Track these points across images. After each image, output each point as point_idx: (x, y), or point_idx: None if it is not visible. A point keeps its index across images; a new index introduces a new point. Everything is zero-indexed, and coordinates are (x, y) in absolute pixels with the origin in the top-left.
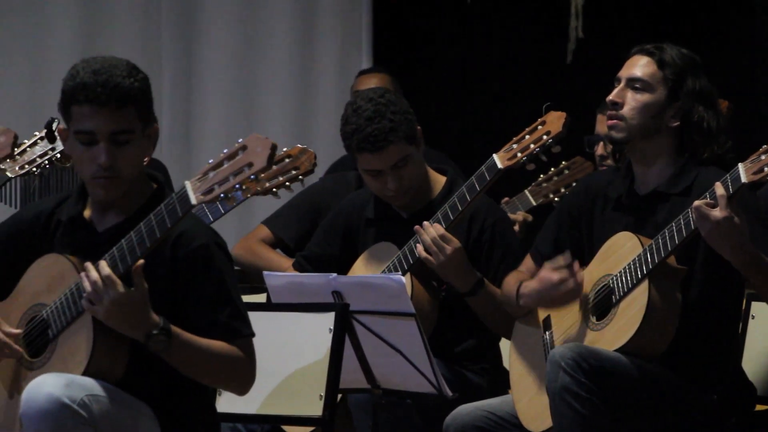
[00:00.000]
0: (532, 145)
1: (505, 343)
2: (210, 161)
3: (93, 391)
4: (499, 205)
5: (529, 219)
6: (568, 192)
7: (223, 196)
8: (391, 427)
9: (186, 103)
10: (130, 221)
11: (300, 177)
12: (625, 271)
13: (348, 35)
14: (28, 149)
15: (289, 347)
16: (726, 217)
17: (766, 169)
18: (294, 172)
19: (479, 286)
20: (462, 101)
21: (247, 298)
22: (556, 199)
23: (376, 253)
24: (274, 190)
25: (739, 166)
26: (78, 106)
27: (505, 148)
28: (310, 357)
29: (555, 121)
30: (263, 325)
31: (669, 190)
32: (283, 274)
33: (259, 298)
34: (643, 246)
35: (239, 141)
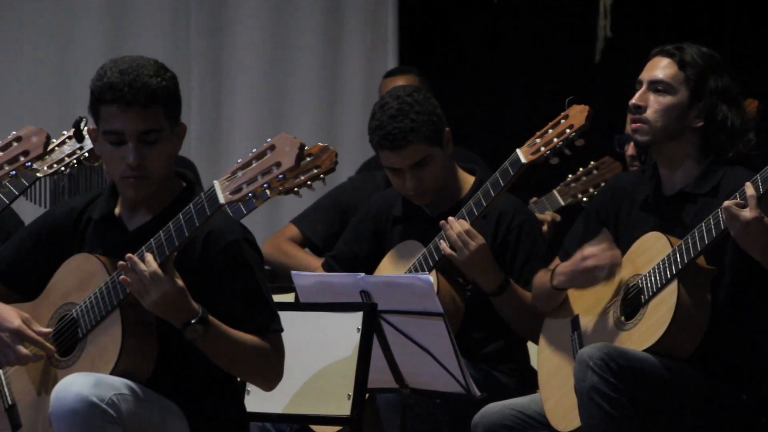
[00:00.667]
0: (555, 139)
1: (532, 343)
2: (238, 160)
3: (121, 391)
4: (527, 206)
5: (557, 219)
6: (595, 193)
7: (251, 195)
8: (419, 426)
9: (215, 102)
10: (159, 220)
11: (321, 176)
12: (654, 271)
13: (375, 35)
14: (57, 149)
15: (318, 347)
16: (756, 218)
17: None
18: (315, 171)
19: (505, 285)
20: (488, 101)
21: (276, 298)
22: (585, 199)
23: (403, 252)
24: (295, 189)
25: None
26: (106, 106)
27: (529, 142)
28: (338, 356)
29: (578, 114)
30: (292, 325)
31: (695, 191)
32: (311, 274)
33: (288, 298)
34: (672, 246)
35: (267, 140)
